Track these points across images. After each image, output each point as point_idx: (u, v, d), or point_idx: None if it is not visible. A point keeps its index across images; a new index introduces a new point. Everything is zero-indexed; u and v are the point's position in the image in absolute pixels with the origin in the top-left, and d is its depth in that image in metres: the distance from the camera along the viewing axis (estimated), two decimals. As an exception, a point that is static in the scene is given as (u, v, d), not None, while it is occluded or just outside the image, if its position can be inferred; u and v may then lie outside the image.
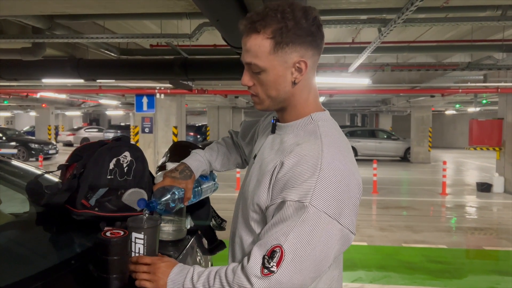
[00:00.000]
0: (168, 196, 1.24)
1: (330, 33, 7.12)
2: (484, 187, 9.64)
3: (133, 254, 1.16)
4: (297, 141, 1.06)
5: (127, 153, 1.50)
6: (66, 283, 1.20)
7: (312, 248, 0.94)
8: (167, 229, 1.51)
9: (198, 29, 4.11)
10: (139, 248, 1.16)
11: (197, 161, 1.39)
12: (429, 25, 4.08)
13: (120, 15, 4.22)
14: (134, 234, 1.16)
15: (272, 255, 0.93)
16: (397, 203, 8.39)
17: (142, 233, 1.16)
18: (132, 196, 1.47)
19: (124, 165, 1.49)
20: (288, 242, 0.93)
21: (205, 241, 1.73)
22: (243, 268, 0.96)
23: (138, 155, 1.53)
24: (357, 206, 1.04)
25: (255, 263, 0.95)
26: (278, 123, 1.16)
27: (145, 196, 1.48)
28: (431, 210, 7.91)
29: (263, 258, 0.94)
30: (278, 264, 0.92)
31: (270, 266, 0.93)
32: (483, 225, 6.72)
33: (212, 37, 5.99)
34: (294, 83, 1.05)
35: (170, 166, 1.53)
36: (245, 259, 0.98)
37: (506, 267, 4.77)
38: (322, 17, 4.09)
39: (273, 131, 1.17)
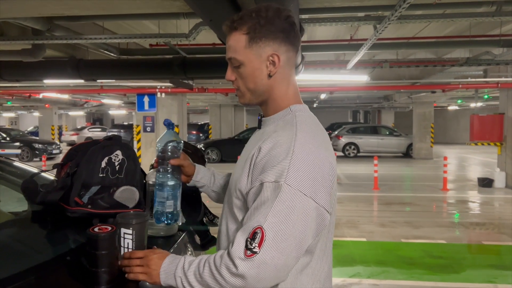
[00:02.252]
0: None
1: (329, 31, 7.14)
2: (485, 182, 9.63)
3: (122, 249, 1.21)
4: (274, 129, 1.13)
5: (118, 152, 1.55)
6: (61, 275, 1.25)
7: (291, 227, 0.98)
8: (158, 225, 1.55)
9: (195, 29, 4.15)
10: (128, 243, 1.21)
11: (203, 168, 1.49)
12: (424, 21, 4.09)
13: (119, 16, 4.26)
14: (123, 230, 1.21)
15: (253, 237, 0.97)
16: (398, 199, 8.41)
17: (131, 228, 1.20)
18: (124, 193, 1.52)
19: (116, 163, 1.53)
20: (267, 222, 0.97)
21: (197, 237, 1.78)
22: (228, 253, 1.00)
23: (129, 153, 1.57)
24: (332, 187, 1.08)
25: (238, 246, 0.98)
26: (263, 118, 1.23)
27: (137, 194, 1.53)
28: (432, 206, 7.93)
29: (246, 241, 0.98)
30: (260, 245, 0.96)
31: (252, 247, 0.96)
32: (484, 220, 6.74)
33: (211, 36, 6.03)
34: (269, 76, 1.13)
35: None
36: (230, 244, 1.02)
37: (504, 261, 4.79)
38: (317, 15, 4.13)
39: (259, 126, 1.25)
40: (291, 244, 0.99)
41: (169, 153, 1.34)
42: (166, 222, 1.36)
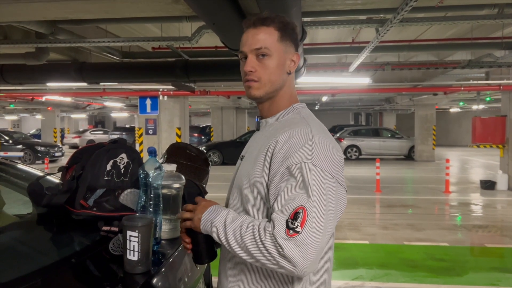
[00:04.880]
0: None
1: (331, 33, 7.16)
2: (488, 185, 9.60)
3: (127, 252, 1.22)
4: (284, 124, 1.17)
5: (123, 155, 1.56)
6: (66, 278, 1.26)
7: (325, 207, 1.01)
8: (162, 227, 1.56)
9: (198, 32, 4.17)
10: (133, 245, 1.22)
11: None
12: (426, 24, 4.10)
13: (122, 19, 4.28)
14: (129, 232, 1.22)
15: (295, 217, 0.98)
16: (401, 201, 8.39)
17: (137, 231, 1.21)
18: (129, 196, 1.53)
19: (121, 166, 1.55)
20: (309, 202, 1.00)
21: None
22: (271, 232, 0.99)
23: (134, 156, 1.59)
24: (342, 170, 1.16)
25: (280, 227, 0.98)
26: (262, 120, 1.26)
27: (142, 196, 1.54)
28: (434, 208, 7.91)
29: (287, 222, 0.98)
30: (302, 224, 0.97)
31: (294, 227, 0.97)
32: (487, 223, 6.72)
33: (214, 39, 6.04)
34: (288, 73, 1.22)
35: (167, 167, 1.58)
36: (270, 225, 1.01)
37: (507, 264, 4.78)
38: (320, 18, 4.14)
39: (258, 128, 1.28)
40: (326, 224, 1.01)
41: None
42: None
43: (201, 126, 24.81)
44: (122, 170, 1.54)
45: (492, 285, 4.07)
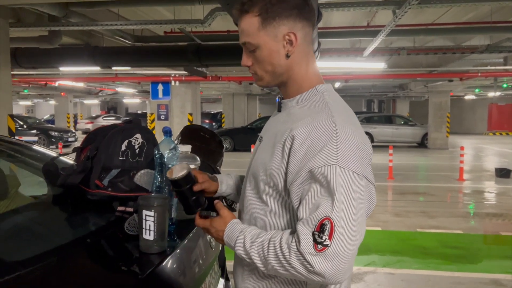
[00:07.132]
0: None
1: (345, 17, 7.03)
2: (503, 173, 9.44)
3: (143, 231, 1.21)
4: (305, 111, 1.07)
5: (138, 135, 1.54)
6: (81, 257, 1.25)
7: (355, 211, 0.94)
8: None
9: (210, 15, 4.11)
10: (149, 225, 1.21)
11: (225, 177, 1.39)
12: (446, 6, 3.98)
13: (133, 2, 4.25)
14: (144, 212, 1.20)
15: (322, 229, 0.91)
16: (413, 189, 8.31)
17: (152, 210, 1.20)
18: (144, 177, 1.51)
19: (136, 146, 1.53)
20: (334, 211, 0.92)
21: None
22: (296, 250, 0.94)
23: (149, 137, 1.57)
24: (371, 163, 1.07)
25: (306, 242, 0.92)
26: (283, 100, 1.17)
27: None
28: (447, 196, 7.83)
29: (313, 235, 0.92)
30: (330, 236, 0.91)
31: (322, 241, 0.91)
32: (501, 211, 6.62)
33: (226, 23, 5.98)
34: (287, 56, 1.07)
35: (182, 148, 1.56)
36: (294, 240, 0.95)
37: (522, 252, 4.71)
38: (335, 0, 4.05)
39: (279, 109, 1.18)
40: (358, 229, 0.94)
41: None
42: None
43: (212, 112, 24.80)
44: (137, 151, 1.52)
45: (506, 273, 4.01)
